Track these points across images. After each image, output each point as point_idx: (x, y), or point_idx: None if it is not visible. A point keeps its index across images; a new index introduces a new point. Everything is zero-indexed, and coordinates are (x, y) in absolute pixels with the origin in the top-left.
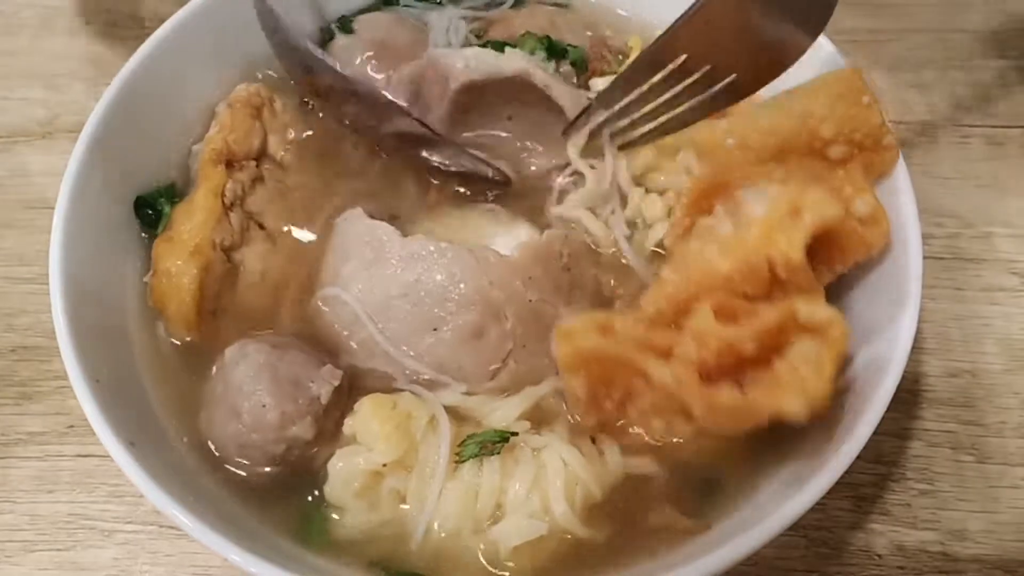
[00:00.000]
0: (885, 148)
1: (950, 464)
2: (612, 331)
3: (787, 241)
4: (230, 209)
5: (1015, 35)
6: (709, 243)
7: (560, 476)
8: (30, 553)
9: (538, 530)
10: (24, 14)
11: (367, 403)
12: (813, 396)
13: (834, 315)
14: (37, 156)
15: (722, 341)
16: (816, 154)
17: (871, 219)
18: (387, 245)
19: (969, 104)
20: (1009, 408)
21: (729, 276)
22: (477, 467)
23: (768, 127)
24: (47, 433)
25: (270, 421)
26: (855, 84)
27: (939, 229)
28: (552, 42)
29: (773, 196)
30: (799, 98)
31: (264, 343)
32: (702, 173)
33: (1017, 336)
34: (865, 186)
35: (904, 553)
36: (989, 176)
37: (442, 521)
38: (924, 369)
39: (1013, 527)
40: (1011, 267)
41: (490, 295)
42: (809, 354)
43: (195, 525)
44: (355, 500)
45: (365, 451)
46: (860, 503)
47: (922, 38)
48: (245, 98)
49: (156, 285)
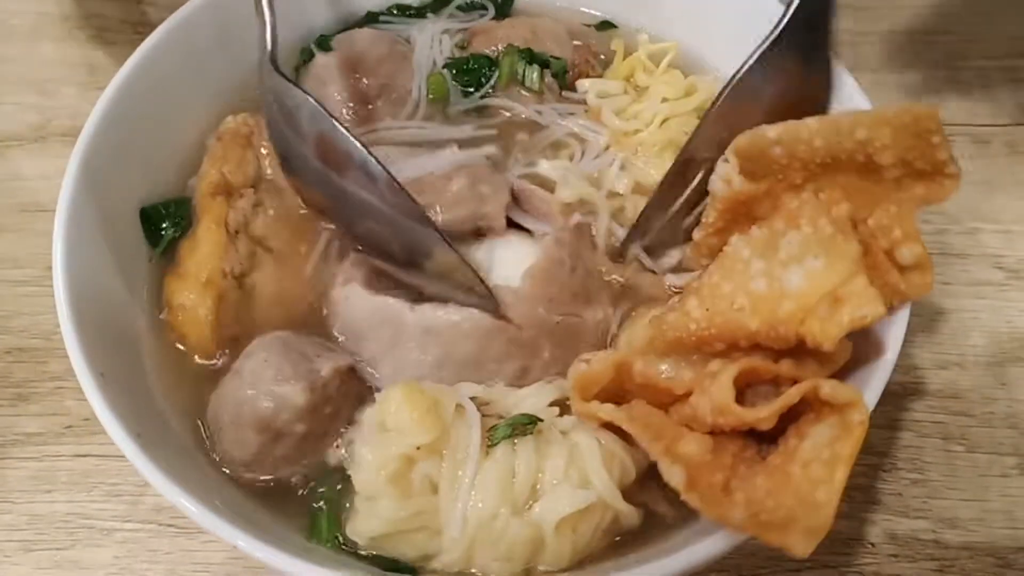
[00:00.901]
0: (946, 176)
1: (940, 454)
2: (630, 371)
3: (822, 331)
4: (235, 237)
5: (997, 37)
6: (740, 292)
7: (596, 453)
8: (29, 552)
9: (586, 499)
10: (14, 21)
11: (396, 389)
12: (819, 525)
13: (856, 398)
14: (30, 160)
15: (740, 420)
16: (869, 172)
17: (915, 267)
18: (401, 323)
19: (953, 104)
20: (997, 399)
21: (756, 332)
22: (511, 448)
23: (822, 147)
24: (44, 434)
25: (265, 376)
26: (927, 125)
27: (927, 225)
28: (534, 54)
29: (813, 271)
30: (862, 125)
31: (288, 332)
32: (741, 186)
33: (1003, 329)
34: (915, 231)
35: (897, 541)
36: (974, 174)
37: (479, 503)
38: (914, 362)
39: (1002, 515)
40: (997, 262)
41: (522, 338)
42: (824, 450)
43: (202, 512)
44: (388, 486)
45: (396, 435)
46: (853, 493)
47: (904, 40)
48: (234, 129)
49: (172, 320)
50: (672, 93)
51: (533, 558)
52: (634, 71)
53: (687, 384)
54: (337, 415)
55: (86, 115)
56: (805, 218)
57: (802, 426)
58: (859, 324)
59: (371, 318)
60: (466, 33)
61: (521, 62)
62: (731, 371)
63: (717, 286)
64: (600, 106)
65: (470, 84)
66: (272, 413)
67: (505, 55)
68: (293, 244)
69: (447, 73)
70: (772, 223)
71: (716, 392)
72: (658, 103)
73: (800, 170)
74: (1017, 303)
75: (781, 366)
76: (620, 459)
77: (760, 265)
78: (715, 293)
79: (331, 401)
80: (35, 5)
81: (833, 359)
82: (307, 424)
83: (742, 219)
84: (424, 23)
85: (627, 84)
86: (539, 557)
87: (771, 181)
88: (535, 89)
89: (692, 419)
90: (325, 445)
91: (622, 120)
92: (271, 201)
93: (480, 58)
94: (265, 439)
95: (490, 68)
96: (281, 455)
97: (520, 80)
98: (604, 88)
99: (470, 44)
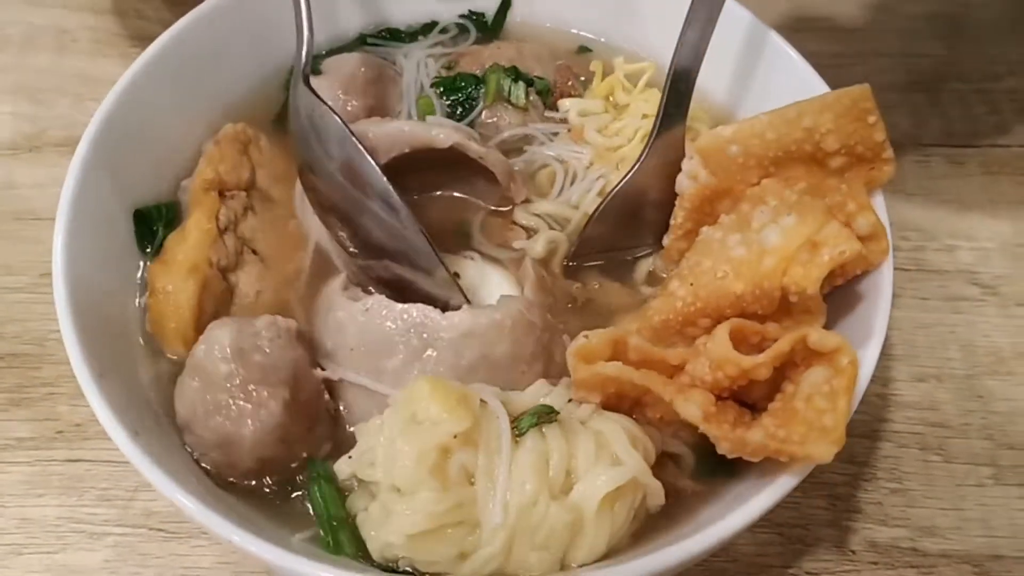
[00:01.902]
0: (884, 161)
1: (919, 464)
2: (625, 347)
3: (804, 275)
4: (224, 232)
5: (974, 60)
6: (721, 262)
7: (621, 435)
8: (20, 556)
9: (624, 475)
10: (9, 31)
11: (422, 382)
12: (835, 438)
13: (842, 343)
14: (25, 169)
15: (739, 368)
16: (817, 163)
17: (872, 236)
18: (434, 328)
19: (930, 125)
20: (973, 411)
21: (741, 296)
22: (540, 436)
23: (774, 139)
24: (36, 438)
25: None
26: (863, 103)
27: (904, 242)
28: (519, 72)
29: (788, 227)
30: (807, 112)
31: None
32: (707, 180)
33: (980, 343)
34: (867, 203)
35: (877, 549)
36: (950, 192)
37: (518, 491)
38: (892, 374)
39: (979, 523)
40: (972, 278)
41: (543, 339)
42: (823, 386)
43: (198, 508)
44: (429, 478)
45: (431, 426)
46: (834, 501)
47: (885, 62)
48: (232, 135)
49: (153, 305)
50: (651, 109)
51: (571, 545)
52: (613, 90)
53: (681, 355)
54: (270, 368)
55: (80, 126)
56: (770, 194)
57: (795, 376)
58: (839, 260)
59: (397, 326)
60: (452, 56)
61: (507, 79)
62: (726, 327)
63: (697, 263)
64: (583, 124)
65: (457, 103)
66: (203, 353)
67: (491, 72)
68: (279, 253)
69: (434, 93)
70: (739, 208)
71: (714, 347)
72: (639, 119)
73: (755, 167)
74: (992, 318)
75: (767, 327)
76: (643, 441)
77: (737, 237)
78: (696, 270)
79: (261, 351)
80: (30, 16)
81: (814, 315)
82: (231, 366)
83: (708, 220)
84: (411, 47)
85: (607, 103)
86: (577, 542)
87: (731, 181)
88: (520, 105)
89: (691, 386)
90: (251, 398)
91: (604, 137)
92: (261, 208)
93: (467, 76)
94: (197, 384)
95: (476, 87)
96: (211, 401)
97: (506, 97)
98: (585, 107)
99: (457, 65)
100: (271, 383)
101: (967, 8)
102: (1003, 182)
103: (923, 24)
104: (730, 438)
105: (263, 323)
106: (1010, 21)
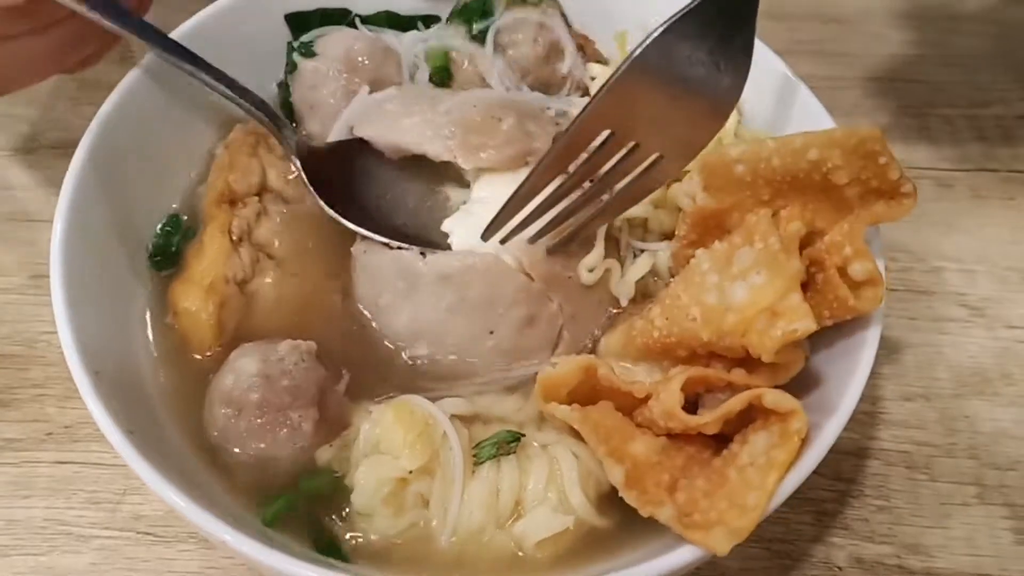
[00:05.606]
0: (904, 195)
1: (905, 482)
2: (595, 373)
3: (759, 343)
4: (239, 244)
5: (962, 86)
6: (693, 303)
7: (574, 469)
8: (5, 558)
9: (563, 524)
10: None
11: (389, 412)
12: (741, 527)
13: (796, 407)
14: (20, 171)
15: (685, 425)
16: (830, 190)
17: (867, 283)
18: (415, 273)
19: (919, 148)
20: (959, 430)
21: (708, 342)
22: (496, 467)
23: (780, 166)
24: (24, 440)
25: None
26: (871, 144)
27: (893, 263)
28: None
29: (755, 286)
30: (813, 145)
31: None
32: (704, 201)
33: (967, 363)
34: (864, 249)
35: (863, 565)
36: (939, 215)
37: (466, 520)
38: (880, 393)
39: (963, 541)
40: (960, 299)
41: (532, 288)
42: (760, 457)
43: (190, 507)
44: (383, 507)
45: (391, 459)
46: (821, 517)
47: (876, 86)
48: (241, 138)
49: (177, 324)
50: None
51: (516, 568)
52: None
53: (647, 389)
54: (297, 390)
55: (76, 129)
56: (759, 234)
57: (748, 433)
58: (791, 338)
59: (387, 270)
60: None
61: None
62: (680, 379)
63: (677, 297)
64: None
65: (471, 21)
66: (231, 383)
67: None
68: (297, 249)
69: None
70: (732, 238)
71: (665, 398)
72: None
73: (766, 186)
74: (979, 339)
75: (733, 375)
76: (596, 476)
77: (714, 279)
78: (675, 304)
79: (288, 375)
80: None
81: (786, 368)
82: (261, 393)
83: (714, 230)
84: (403, 36)
85: None
86: (522, 567)
87: (740, 196)
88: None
89: (651, 422)
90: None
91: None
92: (275, 208)
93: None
94: (230, 412)
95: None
96: (245, 428)
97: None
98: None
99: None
100: (301, 405)
101: (957, 37)
102: (990, 205)
103: (914, 51)
104: (646, 509)
105: (285, 348)
106: (998, 50)
